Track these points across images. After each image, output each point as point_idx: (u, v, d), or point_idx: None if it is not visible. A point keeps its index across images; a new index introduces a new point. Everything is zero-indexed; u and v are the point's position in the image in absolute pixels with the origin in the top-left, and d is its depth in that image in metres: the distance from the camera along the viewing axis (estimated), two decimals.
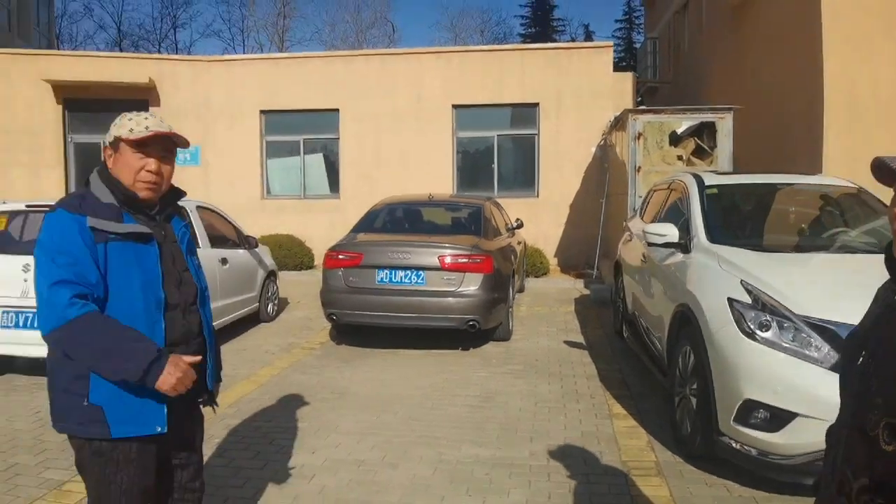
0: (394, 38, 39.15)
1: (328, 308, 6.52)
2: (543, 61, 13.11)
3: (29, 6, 23.69)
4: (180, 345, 2.09)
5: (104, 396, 1.95)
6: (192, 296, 2.19)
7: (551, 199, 13.00)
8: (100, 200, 2.01)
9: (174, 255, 2.15)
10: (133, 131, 2.02)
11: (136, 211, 2.07)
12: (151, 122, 2.06)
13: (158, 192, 2.11)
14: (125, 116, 2.08)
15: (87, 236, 1.92)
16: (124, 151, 2.04)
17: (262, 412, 4.74)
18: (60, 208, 1.97)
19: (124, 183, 2.04)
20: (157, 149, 2.07)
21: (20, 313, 5.28)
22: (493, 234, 7.16)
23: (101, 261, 1.94)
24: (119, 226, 1.99)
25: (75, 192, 2.07)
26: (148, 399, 1.99)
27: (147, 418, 2.00)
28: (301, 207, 13.51)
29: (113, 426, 1.95)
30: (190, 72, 13.53)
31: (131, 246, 2.00)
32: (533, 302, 9.61)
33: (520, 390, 5.36)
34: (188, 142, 2.15)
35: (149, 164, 2.05)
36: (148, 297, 2.01)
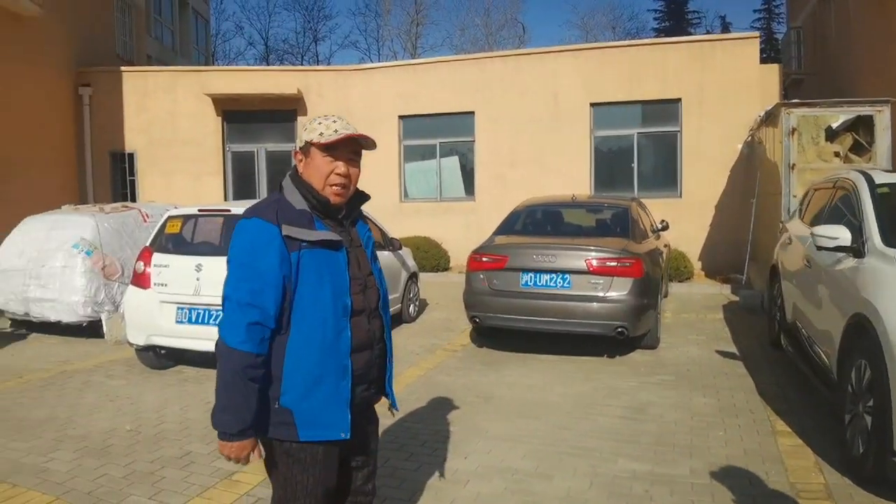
0: (524, 38, 38.96)
1: (471, 310, 6.51)
2: (685, 55, 12.44)
3: (188, 27, 25.95)
4: (364, 350, 2.11)
5: (294, 400, 1.99)
6: (375, 301, 2.19)
7: (695, 199, 12.30)
8: (293, 207, 2.04)
9: (360, 260, 2.16)
10: (323, 135, 2.04)
11: (326, 216, 2.09)
12: (340, 125, 2.07)
13: (347, 195, 2.13)
14: (315, 120, 2.10)
15: (281, 248, 1.96)
16: (314, 155, 2.07)
17: (411, 413, 4.79)
18: (255, 217, 2.00)
19: (315, 187, 2.07)
20: (345, 151, 2.08)
21: (192, 310, 5.70)
22: (640, 237, 6.84)
23: (294, 269, 1.97)
24: (311, 233, 2.01)
25: (268, 198, 2.12)
26: (334, 406, 2.02)
27: (332, 424, 2.02)
28: (437, 210, 13.72)
29: (301, 429, 2.00)
30: (333, 81, 14.17)
31: (322, 253, 2.02)
32: (678, 308, 9.12)
33: (673, 402, 5.06)
34: (375, 143, 2.14)
35: (338, 167, 2.07)
36: (336, 303, 2.02)
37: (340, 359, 2.03)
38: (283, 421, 2.00)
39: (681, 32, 37.68)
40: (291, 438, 2.01)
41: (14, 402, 5.23)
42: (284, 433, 2.01)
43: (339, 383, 2.03)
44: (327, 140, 2.04)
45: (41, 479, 3.75)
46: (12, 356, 6.83)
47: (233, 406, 1.93)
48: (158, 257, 5.93)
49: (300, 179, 2.10)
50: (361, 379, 2.11)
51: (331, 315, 2.01)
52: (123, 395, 5.43)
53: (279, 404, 1.99)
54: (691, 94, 12.29)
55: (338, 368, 2.03)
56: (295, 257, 1.97)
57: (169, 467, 3.92)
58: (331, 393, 2.02)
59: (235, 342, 1.91)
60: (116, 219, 7.94)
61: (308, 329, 1.99)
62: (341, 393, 2.03)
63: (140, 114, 14.26)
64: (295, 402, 1.99)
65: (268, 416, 2.01)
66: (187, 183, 14.11)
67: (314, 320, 1.98)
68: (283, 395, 1.99)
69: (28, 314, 7.54)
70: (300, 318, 1.98)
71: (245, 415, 1.93)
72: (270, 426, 2.02)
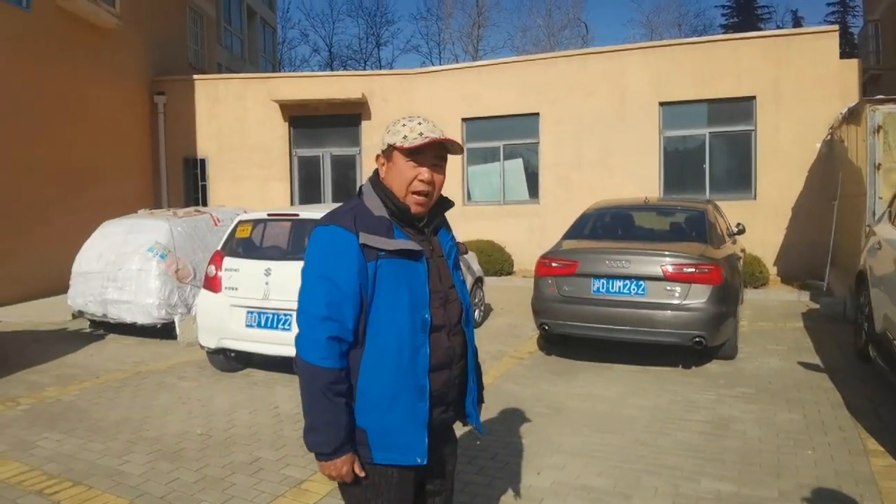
0: (587, 38, 38.34)
1: (540, 317, 6.32)
2: (759, 51, 11.87)
3: (256, 36, 26.67)
4: (443, 369, 1.97)
5: (368, 420, 1.89)
6: (457, 315, 2.04)
7: (770, 201, 11.72)
8: (371, 213, 1.93)
9: (441, 272, 2.02)
10: (407, 138, 1.92)
11: (405, 224, 1.97)
12: (425, 127, 1.94)
13: (429, 204, 2.00)
14: (399, 122, 1.98)
15: (360, 257, 1.85)
16: (397, 160, 1.95)
17: None
18: (333, 224, 1.90)
19: (396, 193, 1.95)
20: (429, 157, 1.96)
21: (262, 314, 5.74)
22: (718, 241, 6.49)
23: (370, 280, 1.86)
24: (390, 242, 1.89)
25: (347, 203, 2.02)
26: (410, 428, 1.90)
27: (409, 447, 1.91)
28: (500, 213, 13.56)
29: (375, 451, 1.89)
30: (397, 85, 14.21)
31: (400, 263, 1.90)
32: (755, 316, 8.68)
33: (756, 417, 4.76)
34: (462, 147, 2.00)
35: (421, 174, 1.94)
36: (415, 318, 1.90)
37: (418, 378, 1.90)
38: (358, 440, 1.90)
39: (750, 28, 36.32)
40: (365, 460, 1.91)
41: (91, 402, 5.38)
42: (360, 453, 1.91)
43: (415, 404, 1.90)
44: (411, 144, 1.91)
45: (115, 481, 3.80)
46: (91, 356, 7.06)
47: (323, 425, 1.85)
48: (229, 261, 6.00)
49: (381, 184, 1.99)
50: (440, 400, 1.98)
51: (408, 330, 1.88)
52: (195, 397, 5.51)
53: (355, 424, 1.90)
54: (766, 91, 11.74)
55: (415, 388, 1.90)
56: (372, 267, 1.86)
57: (239, 473, 3.91)
58: (407, 414, 1.90)
59: (315, 359, 1.82)
60: (189, 223, 8.13)
61: (383, 344, 1.87)
62: (418, 415, 1.91)
63: (211, 121, 14.67)
64: (369, 421, 1.89)
65: None
66: (255, 188, 14.42)
67: (390, 335, 1.87)
68: (358, 413, 1.89)
69: (105, 316, 7.79)
70: (375, 332, 1.87)
71: (337, 432, 1.84)
72: None
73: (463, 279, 2.18)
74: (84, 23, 12.09)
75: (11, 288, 9.95)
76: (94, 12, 12.11)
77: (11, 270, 10.06)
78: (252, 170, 14.55)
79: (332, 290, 1.83)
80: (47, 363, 6.69)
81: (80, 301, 7.99)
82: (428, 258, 1.98)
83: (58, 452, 4.26)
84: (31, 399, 5.47)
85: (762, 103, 11.81)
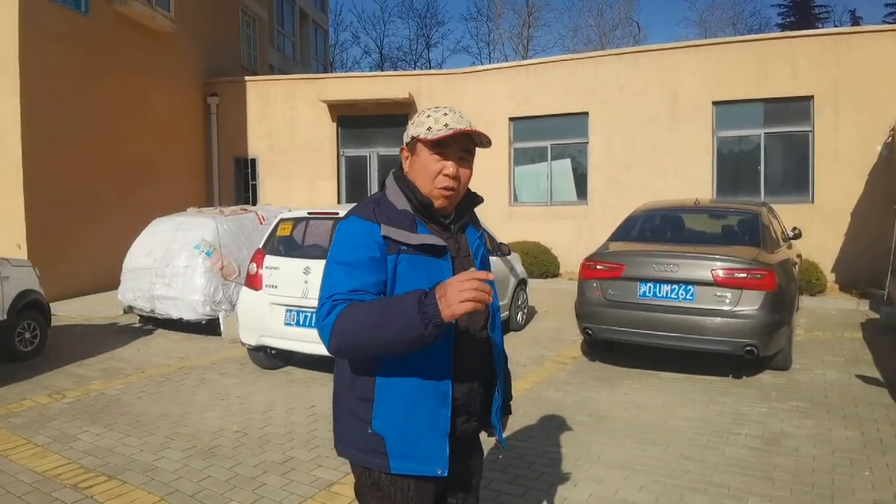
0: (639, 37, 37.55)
1: (583, 322, 6.12)
2: (817, 49, 11.34)
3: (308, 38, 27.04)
4: (467, 377, 1.86)
5: (386, 426, 1.79)
6: (482, 321, 1.91)
7: (828, 205, 11.19)
8: (395, 207, 1.83)
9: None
10: (431, 129, 1.81)
11: (429, 219, 1.86)
12: (451, 118, 1.83)
13: (455, 199, 1.89)
14: (423, 113, 1.87)
15: (380, 246, 1.76)
16: (421, 152, 1.85)
17: (517, 431, 4.52)
18: (353, 215, 1.82)
19: (420, 188, 1.85)
20: (456, 149, 1.84)
21: (300, 312, 5.73)
22: (773, 246, 6.17)
23: (391, 275, 1.76)
24: (412, 236, 1.78)
25: (370, 197, 1.93)
26: (431, 437, 1.79)
27: (429, 457, 1.80)
28: (547, 214, 13.34)
29: (393, 460, 1.79)
30: (445, 85, 14.16)
31: (423, 259, 1.78)
32: (811, 324, 8.27)
33: (810, 434, 4.48)
34: (490, 140, 1.88)
35: (447, 168, 1.82)
36: None
37: (440, 384, 1.79)
38: (374, 448, 1.80)
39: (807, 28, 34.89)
40: (382, 469, 1.80)
41: (134, 396, 5.46)
42: (375, 462, 1.81)
43: (437, 411, 1.80)
44: (435, 136, 1.80)
45: (149, 477, 3.82)
46: (138, 350, 7.21)
47: (390, 314, 1.60)
48: (270, 259, 6.02)
49: (404, 178, 1.89)
50: (462, 409, 1.86)
51: None
52: (234, 393, 5.53)
53: (371, 429, 1.79)
54: (825, 91, 11.22)
55: (436, 394, 1.79)
56: (392, 261, 1.76)
57: (270, 473, 3.88)
58: (428, 422, 1.79)
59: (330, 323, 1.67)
60: (235, 221, 8.23)
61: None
62: (440, 423, 1.80)
63: (261, 121, 14.90)
64: (388, 428, 1.78)
65: (359, 441, 1.82)
66: (303, 187, 14.58)
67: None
68: (375, 419, 1.79)
69: (153, 311, 7.96)
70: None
71: (403, 297, 1.63)
72: (360, 452, 1.83)
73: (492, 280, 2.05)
74: (140, 27, 12.43)
75: (68, 283, 10.29)
76: (151, 16, 12.43)
77: (68, 266, 10.40)
78: (301, 169, 14.72)
79: (353, 279, 1.73)
80: (96, 357, 6.86)
81: (129, 296, 8.19)
82: (454, 256, 1.86)
83: (96, 446, 4.32)
84: (77, 392, 5.59)
85: (820, 103, 11.29)
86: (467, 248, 1.95)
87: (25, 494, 3.61)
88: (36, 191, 9.93)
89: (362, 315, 1.64)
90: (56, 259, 10.04)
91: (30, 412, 5.05)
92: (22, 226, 9.76)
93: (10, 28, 9.59)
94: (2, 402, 5.29)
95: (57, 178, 10.39)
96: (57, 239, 10.31)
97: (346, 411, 1.86)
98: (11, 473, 3.89)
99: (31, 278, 6.86)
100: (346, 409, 1.86)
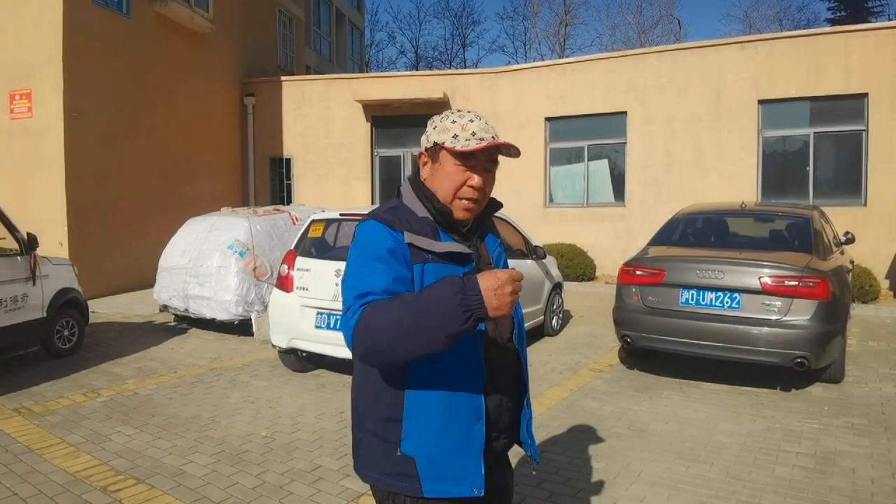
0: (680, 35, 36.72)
1: (622, 329, 5.90)
2: (874, 44, 10.82)
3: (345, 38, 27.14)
4: (496, 390, 1.75)
5: (417, 447, 1.66)
6: (508, 331, 1.82)
7: (883, 208, 10.70)
8: (415, 214, 1.73)
9: None
10: (458, 138, 1.69)
11: (448, 229, 1.75)
12: (478, 125, 1.71)
13: (478, 211, 1.78)
14: (447, 118, 1.74)
15: (407, 255, 1.64)
16: (445, 161, 1.73)
17: (552, 441, 4.35)
18: (373, 219, 1.71)
19: (440, 197, 1.73)
20: (482, 160, 1.73)
21: (331, 315, 5.64)
22: (825, 252, 5.86)
23: (418, 285, 1.65)
24: (438, 244, 1.68)
25: (387, 204, 1.82)
26: (465, 454, 1.67)
27: (464, 476, 1.67)
28: (583, 216, 13.08)
29: (425, 483, 1.66)
30: (479, 84, 13.99)
31: (448, 268, 1.67)
32: (864, 334, 7.88)
33: (868, 453, 4.21)
34: (519, 151, 1.76)
35: (472, 179, 1.71)
36: None
37: (473, 398, 1.68)
38: (403, 472, 1.67)
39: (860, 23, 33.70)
40: (414, 494, 1.67)
41: (166, 397, 5.44)
42: (405, 486, 1.68)
43: (471, 427, 1.68)
44: (464, 148, 1.68)
45: (177, 482, 3.76)
46: (171, 350, 7.23)
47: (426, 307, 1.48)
48: (301, 261, 5.95)
49: (422, 185, 1.77)
50: (493, 425, 1.76)
51: (462, 342, 1.63)
52: (264, 397, 5.47)
53: (401, 451, 1.67)
54: (881, 88, 10.71)
55: (470, 409, 1.68)
56: (418, 270, 1.65)
57: (298, 482, 3.79)
58: (461, 439, 1.66)
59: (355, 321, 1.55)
60: (268, 221, 8.21)
61: (433, 359, 1.60)
62: (474, 439, 1.68)
63: (297, 121, 14.95)
64: (418, 448, 1.66)
65: (384, 464, 1.70)
66: (338, 187, 14.58)
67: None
68: (405, 440, 1.67)
69: (187, 310, 7.98)
70: None
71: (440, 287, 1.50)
72: (386, 476, 1.70)
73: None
74: (180, 27, 12.55)
75: (108, 281, 10.44)
76: (189, 17, 12.55)
77: (108, 264, 10.56)
78: (335, 169, 14.72)
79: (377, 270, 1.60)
80: (131, 355, 6.89)
81: (164, 295, 8.23)
82: (477, 264, 1.75)
83: (127, 448, 4.29)
84: (111, 391, 5.61)
85: (875, 101, 10.79)
86: (488, 256, 1.85)
87: (57, 495, 3.59)
88: (78, 189, 10.09)
89: (394, 307, 1.51)
90: (97, 257, 10.20)
91: (65, 410, 5.07)
92: (64, 224, 9.93)
93: (55, 29, 9.77)
94: (40, 400, 5.34)
95: (98, 176, 10.55)
96: (98, 237, 10.47)
97: (368, 433, 1.74)
98: (45, 473, 3.88)
99: (70, 276, 6.94)
100: (368, 431, 1.74)
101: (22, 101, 10.07)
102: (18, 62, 10.00)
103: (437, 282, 1.54)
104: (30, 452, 4.19)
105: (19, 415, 4.96)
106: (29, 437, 4.47)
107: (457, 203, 1.73)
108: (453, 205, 1.73)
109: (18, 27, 10.04)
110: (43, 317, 6.40)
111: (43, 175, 10.01)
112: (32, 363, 6.49)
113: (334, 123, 14.71)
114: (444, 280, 1.52)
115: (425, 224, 1.71)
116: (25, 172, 10.11)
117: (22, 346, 6.35)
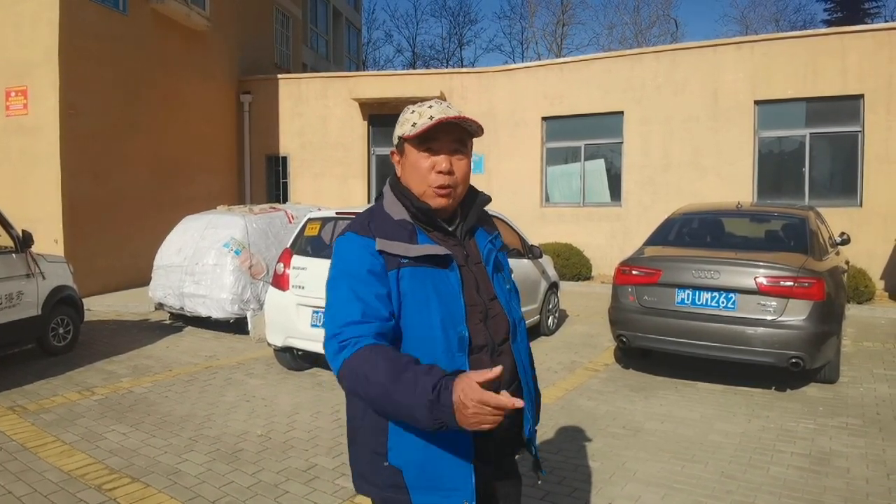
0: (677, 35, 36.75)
1: (618, 328, 5.91)
2: (870, 45, 10.86)
3: (342, 37, 27.08)
4: None
5: (403, 456, 1.64)
6: (502, 332, 1.75)
7: (877, 209, 10.74)
8: (390, 218, 1.69)
9: (479, 281, 1.73)
10: (416, 125, 1.66)
11: (431, 226, 1.71)
12: (437, 109, 1.66)
13: (453, 197, 1.71)
14: (408, 110, 1.71)
15: (378, 263, 1.61)
16: (409, 153, 1.70)
17: (548, 442, 4.35)
18: (349, 231, 1.68)
19: (415, 191, 1.70)
20: (446, 142, 1.68)
21: None
22: (821, 252, 5.88)
23: (395, 292, 1.61)
24: (410, 248, 1.63)
25: (367, 209, 1.80)
26: (452, 464, 1.63)
27: (453, 487, 1.64)
28: (579, 215, 13.10)
29: (414, 494, 1.64)
30: (476, 83, 13.98)
31: (427, 272, 1.63)
32: (859, 335, 7.90)
33: (862, 453, 4.22)
34: (481, 127, 1.71)
35: (438, 163, 1.67)
36: (449, 335, 1.63)
37: None
38: (391, 483, 1.65)
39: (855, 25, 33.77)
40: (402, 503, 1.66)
41: (161, 395, 5.43)
42: (395, 498, 1.66)
43: (457, 436, 1.62)
44: (420, 129, 1.64)
45: (172, 480, 3.75)
46: (167, 348, 7.21)
47: (400, 388, 1.45)
48: (297, 259, 5.94)
49: (399, 185, 1.74)
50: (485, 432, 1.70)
51: (442, 350, 1.61)
52: (259, 395, 5.47)
53: (388, 462, 1.65)
54: (877, 89, 10.75)
55: None
56: (394, 276, 1.61)
57: (293, 481, 3.78)
58: (448, 448, 1.63)
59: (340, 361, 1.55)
60: (264, 219, 8.20)
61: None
62: (462, 448, 1.64)
63: (294, 119, 14.92)
64: (405, 458, 1.64)
65: (375, 476, 1.68)
66: (334, 185, 14.56)
67: (422, 356, 1.56)
68: (391, 450, 1.64)
69: (183, 308, 7.97)
70: (406, 352, 1.60)
71: (418, 378, 1.45)
72: (377, 488, 1.68)
73: (512, 288, 1.88)
74: (177, 25, 12.52)
75: (103, 278, 10.41)
76: (186, 15, 12.52)
77: (103, 262, 10.53)
78: (332, 167, 14.71)
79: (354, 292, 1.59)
80: (126, 353, 6.87)
81: (160, 293, 8.21)
82: (461, 265, 1.70)
83: (122, 446, 4.28)
84: (106, 389, 5.59)
85: (871, 103, 10.83)
86: (478, 254, 1.79)
87: (52, 494, 3.57)
88: (73, 187, 10.06)
89: (380, 376, 1.48)
90: (92, 255, 10.17)
91: (60, 409, 5.05)
92: (59, 221, 9.90)
93: (51, 26, 9.73)
94: (34, 398, 5.32)
95: (94, 174, 10.52)
96: (93, 234, 10.44)
97: (361, 445, 1.72)
98: (39, 471, 3.87)
99: (65, 274, 6.92)
100: (361, 443, 1.72)
101: (18, 98, 10.04)
102: (15, 59, 9.97)
103: (418, 372, 1.46)
104: (24, 451, 4.18)
105: (14, 413, 4.94)
106: (23, 436, 4.45)
107: (429, 192, 1.68)
108: (426, 195, 1.69)
109: (15, 24, 10.00)
110: (38, 314, 6.38)
111: (39, 172, 9.97)
112: (27, 361, 6.47)
113: (331, 122, 14.69)
114: (420, 378, 1.44)
115: (401, 227, 1.67)
116: (21, 170, 10.08)
117: (16, 344, 6.33)
